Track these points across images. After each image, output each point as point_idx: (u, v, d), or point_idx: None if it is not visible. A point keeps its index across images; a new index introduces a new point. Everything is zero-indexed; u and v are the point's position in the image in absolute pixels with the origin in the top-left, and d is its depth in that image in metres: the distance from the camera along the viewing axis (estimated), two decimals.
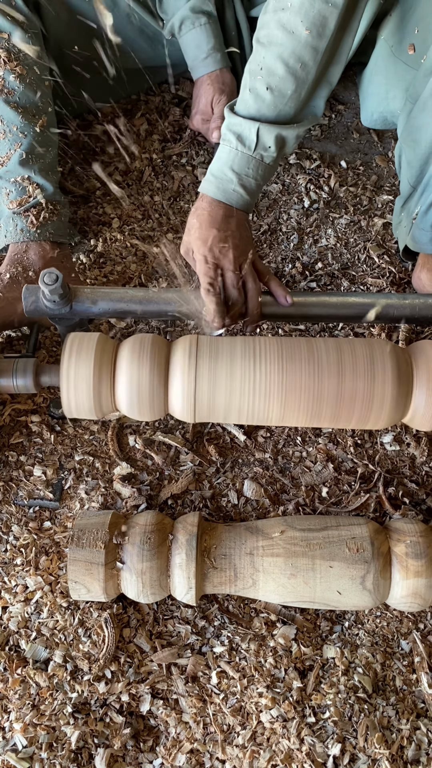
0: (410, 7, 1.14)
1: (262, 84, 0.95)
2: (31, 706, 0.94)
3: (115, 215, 1.41)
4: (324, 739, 0.92)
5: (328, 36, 0.92)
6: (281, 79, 0.95)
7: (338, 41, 0.96)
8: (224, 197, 1.02)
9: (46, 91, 1.23)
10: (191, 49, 1.32)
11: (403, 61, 1.19)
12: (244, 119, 0.98)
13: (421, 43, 1.12)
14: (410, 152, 1.15)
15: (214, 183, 1.02)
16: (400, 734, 0.93)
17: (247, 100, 0.98)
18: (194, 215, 1.03)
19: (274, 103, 0.97)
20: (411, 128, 1.12)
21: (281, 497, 1.12)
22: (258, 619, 1.02)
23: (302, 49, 0.93)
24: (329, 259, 1.37)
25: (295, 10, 0.91)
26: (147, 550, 0.95)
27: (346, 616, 1.03)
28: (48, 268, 0.99)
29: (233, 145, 0.99)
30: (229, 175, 1.01)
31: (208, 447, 1.15)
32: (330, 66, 0.98)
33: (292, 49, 0.93)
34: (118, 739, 0.93)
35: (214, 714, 0.95)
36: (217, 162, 1.02)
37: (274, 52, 0.94)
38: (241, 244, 1.01)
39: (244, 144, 0.99)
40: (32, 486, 1.11)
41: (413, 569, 0.94)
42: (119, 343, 0.99)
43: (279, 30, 0.93)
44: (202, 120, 1.38)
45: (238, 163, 1.00)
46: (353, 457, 1.15)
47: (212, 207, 1.02)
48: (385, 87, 1.28)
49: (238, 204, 1.03)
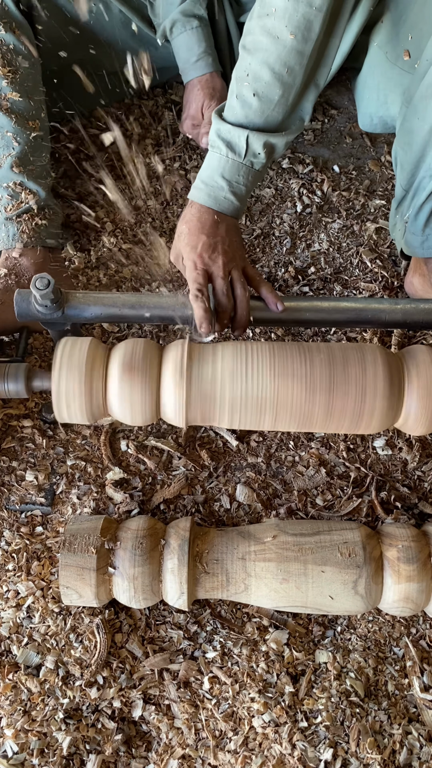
0: (402, 14, 1.14)
1: (248, 90, 0.95)
2: (23, 712, 0.94)
3: (108, 219, 1.41)
4: (316, 744, 0.92)
5: (314, 40, 0.92)
6: (268, 84, 0.95)
7: (324, 44, 0.95)
8: (215, 204, 1.02)
9: (38, 96, 1.23)
10: (182, 52, 1.32)
11: (399, 66, 1.19)
12: (232, 126, 0.98)
13: (415, 49, 1.12)
14: (403, 155, 1.15)
15: (204, 190, 1.02)
16: (392, 739, 0.93)
17: (234, 107, 0.97)
18: (183, 222, 1.03)
19: (261, 109, 0.97)
20: (404, 131, 1.13)
21: (274, 502, 1.12)
22: (250, 623, 1.02)
23: (288, 54, 0.93)
24: (322, 263, 1.38)
25: (280, 15, 0.90)
26: (139, 555, 0.94)
27: (339, 621, 1.03)
28: (40, 273, 0.99)
29: (223, 153, 0.99)
30: (220, 183, 1.01)
31: (200, 452, 1.15)
32: (317, 69, 0.98)
33: (277, 55, 0.93)
34: (110, 745, 0.92)
35: (206, 719, 0.95)
36: (207, 169, 1.02)
37: (259, 58, 0.94)
38: (231, 250, 1.01)
39: (234, 151, 0.99)
40: (24, 491, 1.11)
41: (405, 574, 0.94)
42: (111, 348, 0.99)
43: (264, 36, 0.93)
44: (192, 125, 1.39)
45: (229, 171, 1.00)
46: (345, 461, 1.15)
47: (201, 213, 1.02)
48: (384, 92, 1.29)
49: (228, 211, 1.03)
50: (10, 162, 1.17)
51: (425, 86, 1.03)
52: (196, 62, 1.32)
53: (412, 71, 1.13)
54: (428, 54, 1.01)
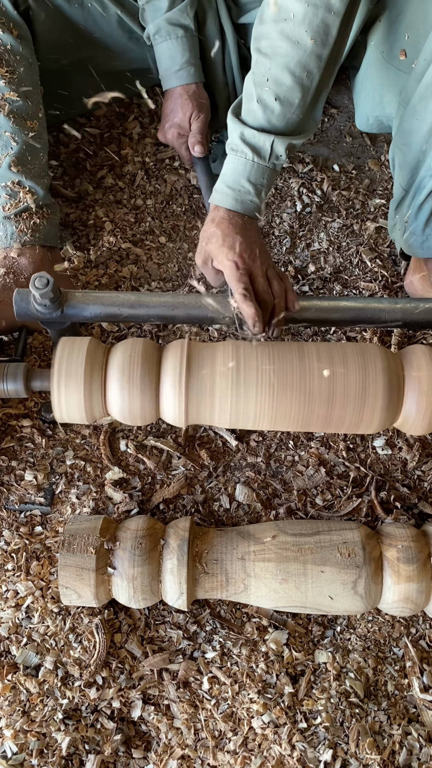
0: (399, 13, 1.14)
1: (270, 95, 0.96)
2: (22, 713, 0.94)
3: (107, 219, 1.41)
4: (315, 744, 0.92)
5: (331, 44, 0.94)
6: (289, 89, 0.96)
7: (339, 47, 0.96)
8: (242, 208, 1.02)
9: (36, 95, 1.23)
10: (165, 60, 1.32)
11: (395, 66, 1.19)
12: (257, 131, 0.98)
13: (412, 49, 1.12)
14: (402, 156, 1.15)
15: (231, 195, 1.02)
16: (392, 739, 0.93)
17: (255, 111, 0.98)
18: (213, 225, 1.03)
19: (283, 113, 0.98)
20: (403, 132, 1.12)
21: (273, 501, 1.12)
22: (250, 624, 1.02)
23: (308, 58, 0.94)
24: (322, 262, 1.37)
25: (299, 20, 0.92)
26: (138, 555, 0.94)
27: (338, 621, 1.03)
28: (39, 272, 0.99)
29: (249, 157, 1.00)
30: (247, 187, 1.01)
31: (200, 451, 1.15)
32: (331, 72, 0.99)
33: (298, 59, 0.94)
34: (109, 745, 0.92)
35: (205, 720, 0.95)
36: (232, 174, 1.02)
37: (279, 63, 0.95)
38: (263, 250, 1.02)
39: (260, 155, 1.00)
40: (23, 491, 1.10)
41: (405, 574, 0.94)
42: (111, 348, 0.99)
43: (283, 40, 0.94)
44: (178, 134, 1.37)
45: (255, 174, 1.01)
46: (345, 461, 1.15)
47: (231, 216, 1.02)
48: (379, 91, 1.28)
49: (253, 213, 1.04)
50: (8, 161, 1.17)
51: (424, 87, 1.02)
52: (178, 71, 1.31)
53: (408, 71, 1.13)
54: (426, 53, 1.01)
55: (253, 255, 1.00)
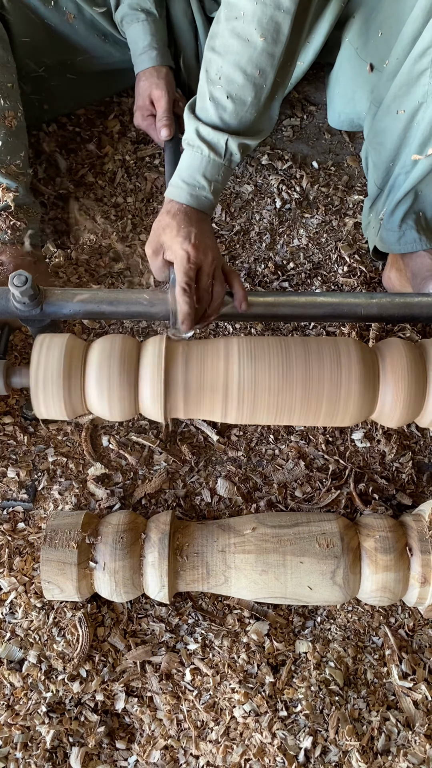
0: (373, 10, 1.15)
1: (221, 92, 0.97)
2: (6, 707, 0.95)
3: (88, 216, 1.41)
4: (296, 732, 0.94)
5: (283, 41, 0.93)
6: (241, 87, 0.96)
7: (292, 45, 0.97)
8: (196, 203, 1.02)
9: (14, 96, 1.23)
10: (131, 44, 1.31)
11: (368, 62, 1.21)
12: (211, 129, 0.99)
13: (384, 46, 1.13)
14: (375, 155, 1.16)
15: (186, 190, 1.02)
16: (371, 726, 0.95)
17: (208, 109, 0.98)
18: (168, 215, 1.02)
19: (235, 111, 0.98)
20: (376, 131, 1.14)
21: (254, 495, 1.13)
22: (231, 615, 1.03)
23: (259, 56, 0.94)
24: (301, 258, 1.39)
25: (249, 18, 0.92)
26: (120, 549, 0.95)
27: (319, 612, 1.05)
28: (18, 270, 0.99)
29: (205, 153, 1.00)
30: (202, 182, 1.01)
31: (181, 446, 1.16)
32: (286, 70, 0.99)
33: (248, 57, 0.94)
34: (93, 737, 0.93)
35: (188, 710, 0.96)
36: (188, 169, 1.02)
37: (230, 61, 0.95)
38: (216, 248, 1.02)
39: (215, 152, 1.00)
40: (5, 487, 1.11)
41: (382, 564, 0.95)
42: (89, 344, 1.00)
43: (233, 39, 0.94)
44: (143, 115, 1.36)
45: (210, 171, 1.01)
46: (324, 454, 1.16)
47: (186, 209, 1.02)
48: (351, 88, 1.30)
49: (207, 209, 1.04)
50: None
51: (397, 85, 1.04)
52: (140, 55, 1.31)
53: (380, 68, 1.14)
54: (397, 51, 1.02)
55: (205, 250, 0.99)
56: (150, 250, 1.04)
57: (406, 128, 1.09)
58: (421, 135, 1.06)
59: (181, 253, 0.98)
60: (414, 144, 1.08)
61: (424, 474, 1.16)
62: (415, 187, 1.14)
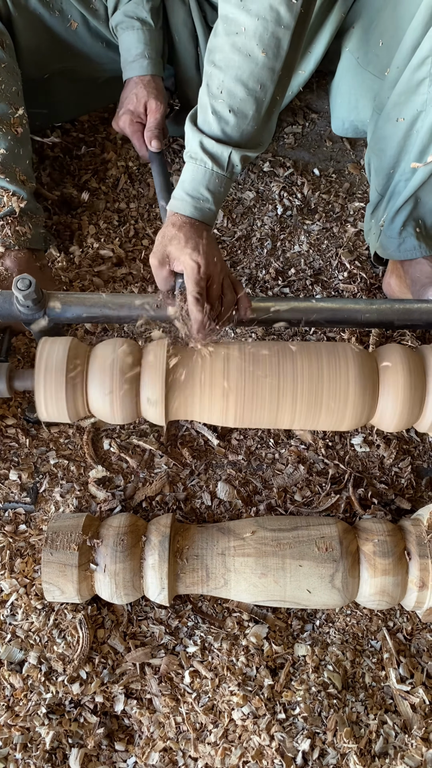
0: (372, 21, 1.17)
1: (224, 106, 0.98)
2: (6, 708, 0.95)
3: (91, 222, 1.43)
4: (294, 735, 0.94)
5: (283, 56, 0.95)
6: (242, 101, 0.97)
7: (291, 59, 0.98)
8: (200, 216, 1.03)
9: (20, 102, 1.24)
10: (123, 51, 1.32)
11: (369, 71, 1.22)
12: (215, 141, 1.00)
13: (386, 55, 1.15)
14: (377, 161, 1.18)
15: (190, 203, 1.02)
16: (369, 729, 0.95)
17: (210, 122, 0.99)
18: (174, 227, 1.03)
19: (237, 124, 0.99)
20: (377, 138, 1.15)
21: (254, 498, 1.14)
22: (231, 618, 1.04)
23: (260, 71, 0.95)
24: (302, 264, 1.40)
25: (250, 34, 0.93)
26: (120, 551, 0.96)
27: (318, 615, 1.05)
28: (22, 274, 1.00)
29: (209, 166, 1.01)
30: (206, 195, 1.02)
31: (182, 450, 1.17)
32: (285, 83, 1.01)
33: (250, 72, 0.95)
34: (92, 738, 0.94)
35: (186, 713, 0.96)
36: (191, 182, 1.02)
37: (232, 75, 0.96)
38: (221, 258, 1.03)
39: (218, 164, 1.01)
40: (7, 489, 1.12)
41: (381, 567, 0.96)
42: (92, 347, 1.01)
43: (235, 53, 0.95)
44: (131, 120, 1.35)
45: (213, 183, 1.02)
46: (324, 458, 1.17)
47: (191, 222, 1.03)
48: (355, 97, 1.31)
49: (210, 220, 1.05)
50: None
51: (397, 93, 1.05)
52: (132, 62, 1.31)
53: (382, 77, 1.16)
54: (398, 60, 1.03)
55: (214, 260, 1.00)
56: (155, 260, 1.04)
57: (405, 136, 1.10)
58: (420, 143, 1.08)
59: (191, 264, 0.99)
60: (413, 151, 1.10)
61: (423, 479, 1.17)
62: (415, 194, 1.15)
